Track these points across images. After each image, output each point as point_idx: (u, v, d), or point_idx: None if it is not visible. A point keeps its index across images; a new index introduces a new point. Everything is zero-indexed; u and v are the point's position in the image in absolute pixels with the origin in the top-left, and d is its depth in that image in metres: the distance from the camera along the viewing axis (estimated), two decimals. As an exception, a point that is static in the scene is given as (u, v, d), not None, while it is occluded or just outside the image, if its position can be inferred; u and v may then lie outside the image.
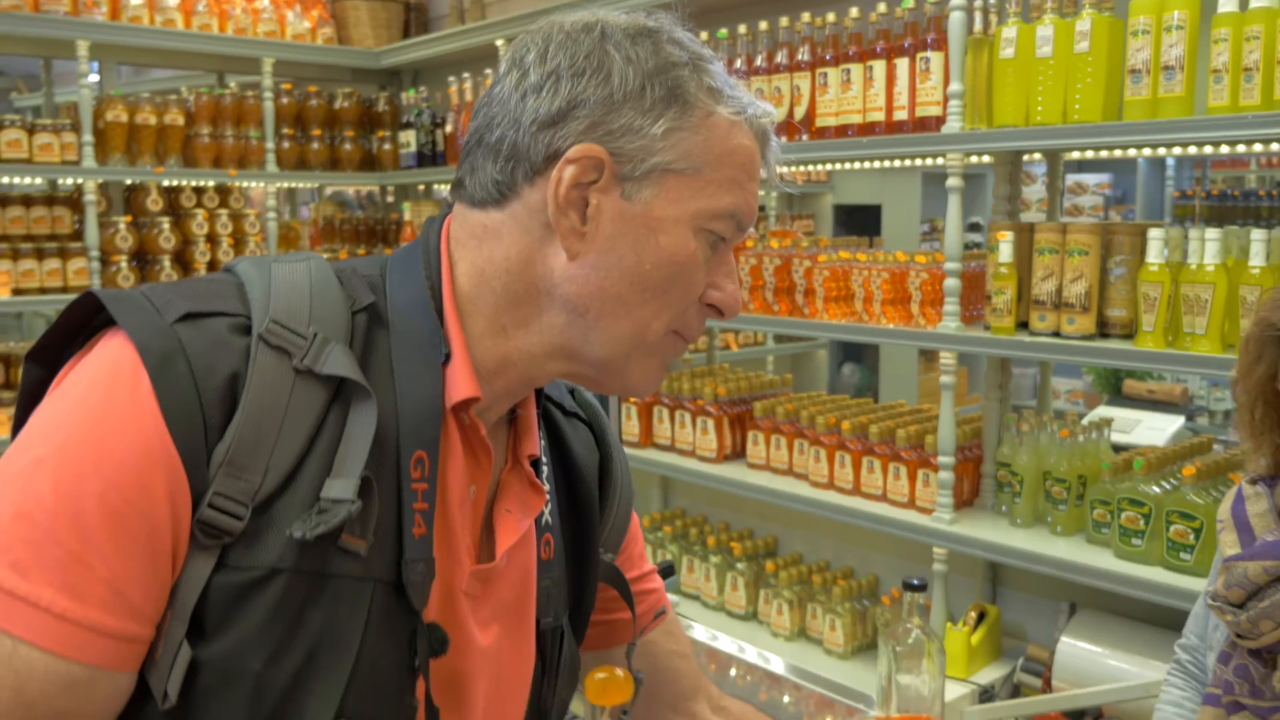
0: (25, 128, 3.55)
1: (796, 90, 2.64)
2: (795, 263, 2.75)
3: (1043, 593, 2.55)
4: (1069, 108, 2.14)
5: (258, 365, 0.80)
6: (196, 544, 0.78)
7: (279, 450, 0.80)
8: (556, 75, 0.88)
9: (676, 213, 0.89)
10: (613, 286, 0.89)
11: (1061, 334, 2.23)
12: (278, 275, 0.86)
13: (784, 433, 2.87)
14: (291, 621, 0.80)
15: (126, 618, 0.76)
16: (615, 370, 0.93)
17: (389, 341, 0.89)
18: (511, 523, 0.95)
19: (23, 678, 0.74)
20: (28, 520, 0.75)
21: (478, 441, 0.92)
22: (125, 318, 0.80)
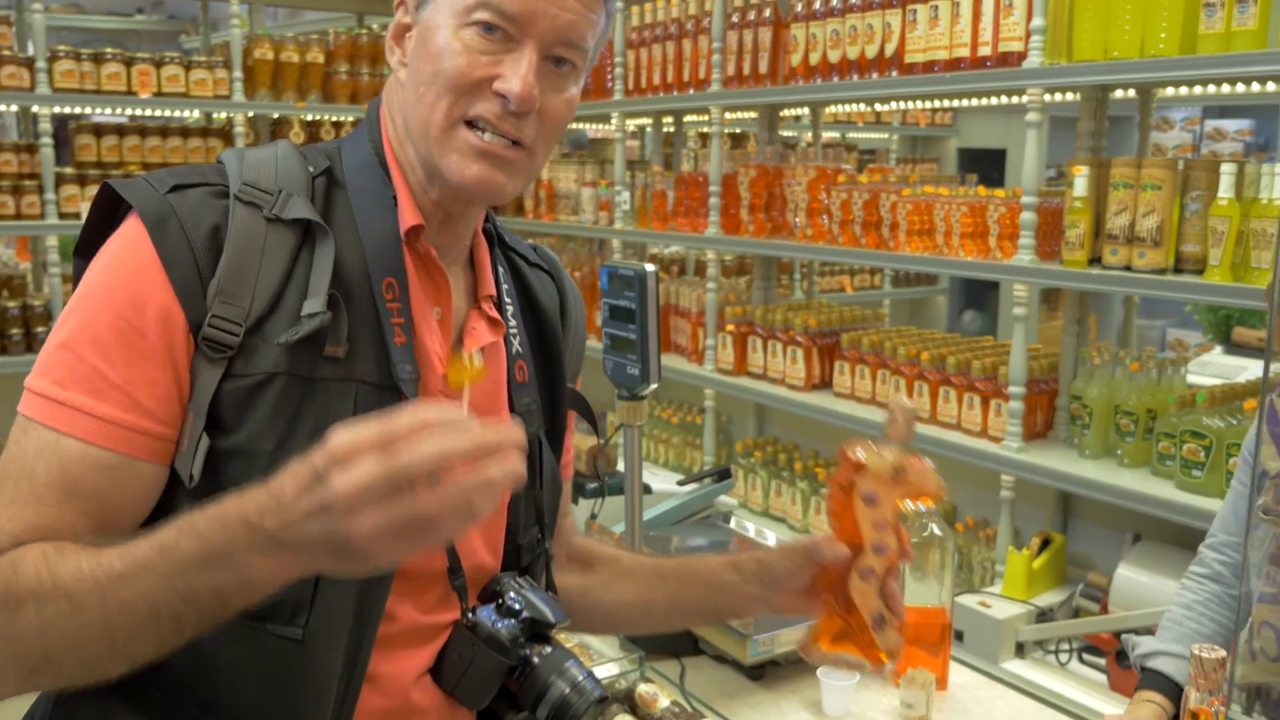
0: (182, 65, 3.89)
1: (887, 27, 2.70)
2: (883, 197, 2.83)
3: (1110, 524, 2.60)
4: (1146, 42, 2.15)
5: (235, 217, 1.01)
6: (204, 358, 0.99)
7: (261, 281, 1.00)
8: None
9: (441, 19, 1.04)
10: (409, 94, 1.06)
11: (1133, 268, 2.27)
12: (249, 155, 1.07)
13: (868, 363, 2.97)
14: (292, 415, 0.99)
15: (139, 415, 0.97)
16: (430, 166, 1.08)
17: (346, 195, 1.08)
18: (476, 335, 1.14)
19: (65, 460, 0.96)
20: (64, 346, 0.97)
21: (433, 266, 1.11)
22: (129, 194, 1.01)
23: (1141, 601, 2.29)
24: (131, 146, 3.94)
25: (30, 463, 0.96)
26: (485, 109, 1.05)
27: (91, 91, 3.77)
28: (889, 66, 2.71)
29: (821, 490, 3.13)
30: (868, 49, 2.76)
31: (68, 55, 3.73)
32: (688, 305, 3.63)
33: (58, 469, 0.96)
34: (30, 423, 0.97)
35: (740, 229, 3.31)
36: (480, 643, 1.07)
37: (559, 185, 4.25)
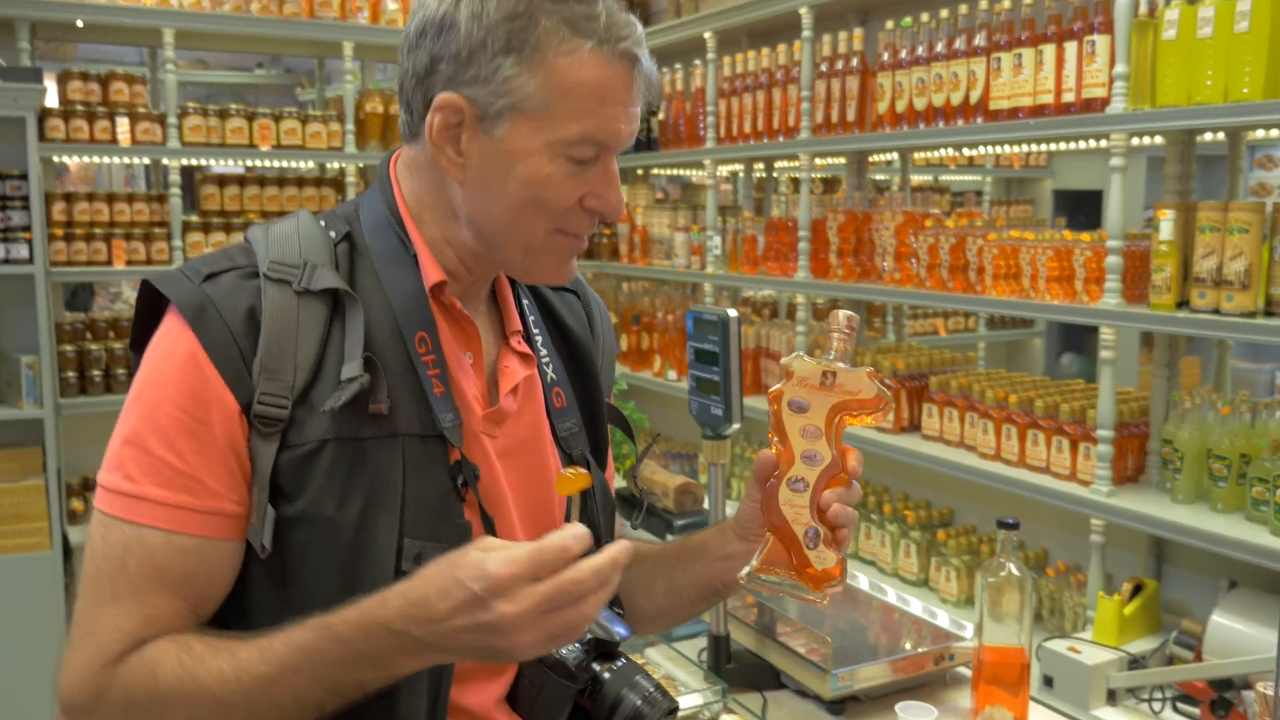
0: (299, 118, 4.12)
1: (972, 74, 2.75)
2: (969, 241, 2.86)
3: (1204, 570, 2.57)
4: (1230, 87, 2.17)
5: (267, 296, 1.07)
6: (259, 434, 1.05)
7: (300, 353, 1.06)
8: (422, 33, 1.09)
9: (529, 145, 1.07)
10: (492, 207, 1.10)
11: (1221, 311, 2.26)
12: (273, 231, 1.13)
13: (956, 405, 2.99)
14: (346, 477, 1.06)
15: (210, 498, 1.04)
16: (519, 268, 1.16)
17: (370, 258, 1.14)
18: (510, 373, 1.20)
19: (152, 551, 1.04)
20: (130, 443, 1.05)
21: (460, 315, 1.17)
22: (169, 291, 1.08)
23: (1237, 650, 2.26)
24: (252, 195, 4.18)
25: (120, 557, 1.04)
26: (580, 225, 1.12)
27: (217, 145, 4.02)
28: (974, 113, 2.76)
29: (911, 534, 3.15)
30: (953, 96, 2.81)
31: (196, 111, 3.99)
32: (778, 348, 3.69)
33: (147, 560, 1.03)
34: (110, 519, 1.05)
35: (829, 273, 3.37)
36: (547, 670, 1.13)
37: (653, 230, 4.36)
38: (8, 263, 3.65)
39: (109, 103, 3.96)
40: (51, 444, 3.74)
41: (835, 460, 1.06)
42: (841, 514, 1.08)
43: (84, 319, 4.07)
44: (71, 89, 3.91)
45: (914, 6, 3.14)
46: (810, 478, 1.06)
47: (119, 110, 3.94)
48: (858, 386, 1.05)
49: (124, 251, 3.94)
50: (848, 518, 1.08)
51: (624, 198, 1.14)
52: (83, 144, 3.87)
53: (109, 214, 3.98)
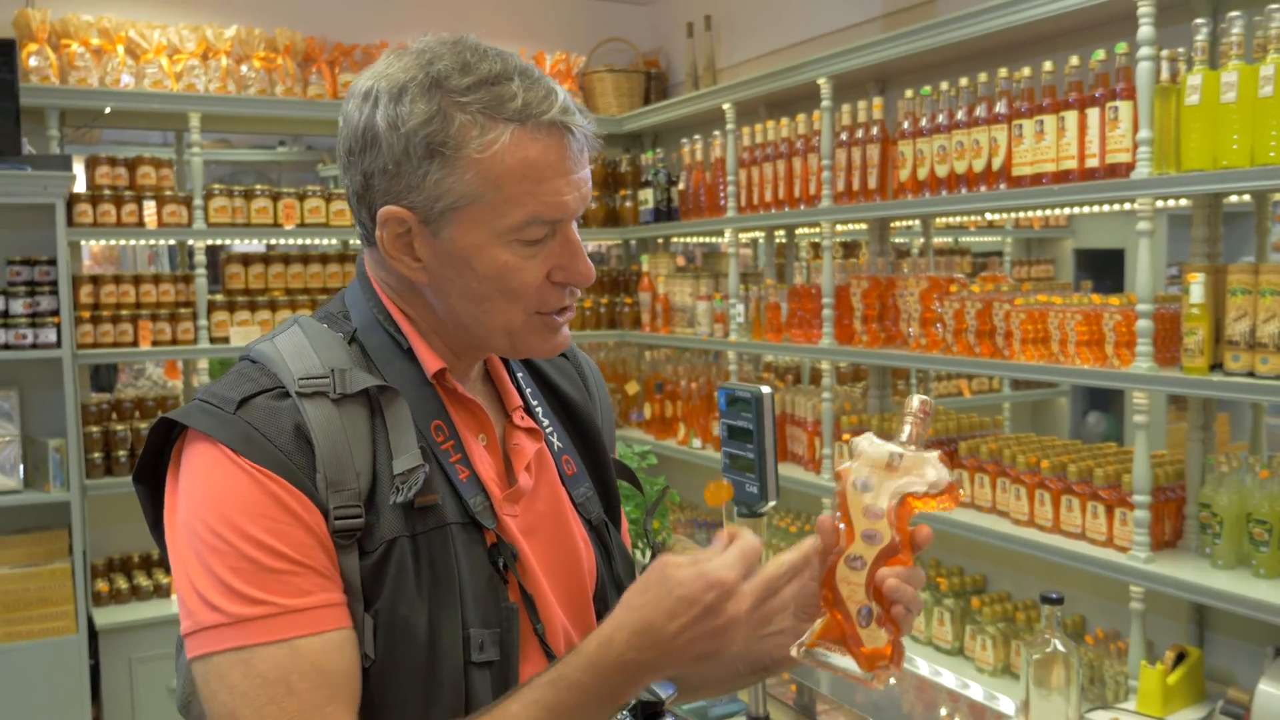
0: (323, 197, 4.17)
1: (994, 142, 2.76)
2: (995, 306, 2.85)
3: (1248, 637, 2.51)
4: (1256, 151, 2.17)
5: (307, 413, 1.04)
6: (340, 547, 1.03)
7: (356, 458, 1.05)
8: (350, 153, 1.10)
9: (478, 239, 1.06)
10: (462, 303, 1.10)
11: (1255, 374, 2.24)
12: (282, 346, 1.10)
13: (987, 471, 2.96)
14: (413, 575, 1.05)
15: (335, 589, 1.02)
16: (509, 350, 1.16)
17: (370, 354, 1.14)
18: (520, 450, 1.20)
19: (314, 659, 0.99)
20: (230, 569, 0.99)
21: (466, 400, 1.17)
22: (199, 425, 1.03)
23: (1287, 720, 2.20)
24: (276, 274, 4.22)
25: (284, 682, 0.97)
26: (555, 300, 1.12)
27: (242, 225, 4.07)
28: (997, 179, 2.77)
29: (945, 601, 3.10)
30: (975, 163, 2.82)
31: (221, 193, 4.05)
32: (803, 415, 3.68)
33: (312, 671, 0.99)
34: (248, 651, 0.98)
35: (854, 339, 3.36)
36: None
37: (674, 299, 4.38)
38: (36, 347, 3.68)
39: (136, 186, 4.02)
40: (78, 526, 3.75)
41: (894, 542, 1.05)
42: (897, 590, 1.04)
43: (109, 399, 4.10)
44: (99, 174, 3.98)
45: (933, 75, 3.17)
46: (868, 556, 1.05)
47: (146, 194, 4.00)
48: (925, 471, 1.04)
49: (150, 332, 3.97)
50: (905, 596, 1.04)
51: (592, 267, 1.13)
52: (110, 228, 3.93)
53: (135, 295, 4.02)
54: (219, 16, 4.25)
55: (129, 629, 3.79)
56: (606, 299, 4.83)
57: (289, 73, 4.19)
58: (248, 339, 4.07)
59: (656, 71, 4.92)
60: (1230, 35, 2.21)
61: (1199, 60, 2.29)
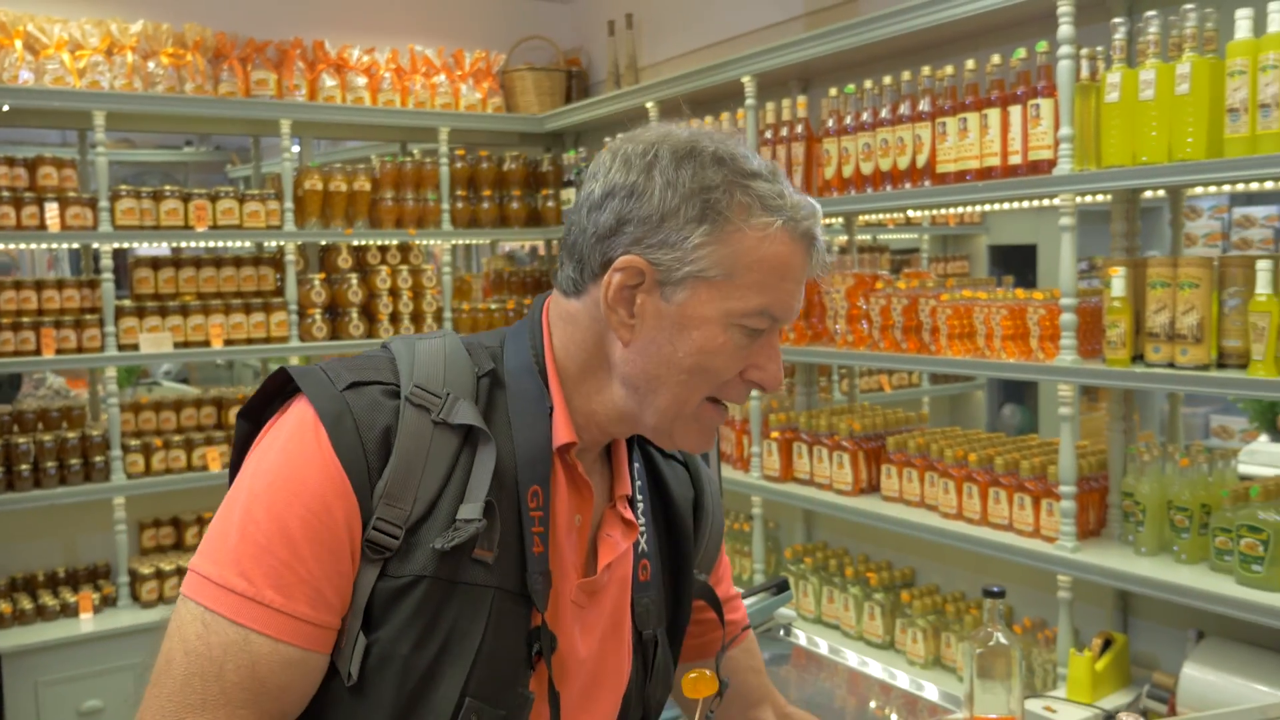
0: (236, 198, 4.05)
1: (918, 139, 2.79)
2: (922, 302, 2.88)
3: (1171, 621, 2.58)
4: (1173, 147, 2.22)
5: (404, 420, 1.05)
6: (365, 558, 1.02)
7: (424, 484, 1.04)
8: (612, 194, 1.09)
9: (707, 312, 1.07)
10: (655, 369, 1.09)
11: (1175, 365, 2.30)
12: (420, 350, 1.11)
13: (915, 466, 2.99)
14: (431, 617, 1.03)
15: (324, 611, 1.00)
16: (664, 433, 1.14)
17: (506, 398, 1.12)
18: (611, 544, 1.17)
19: (256, 659, 0.98)
20: (250, 540, 1.00)
21: (579, 478, 1.14)
22: (308, 388, 1.06)
23: (1210, 701, 2.26)
24: (187, 277, 4.08)
25: (218, 661, 0.98)
26: (737, 395, 1.12)
27: (151, 227, 3.93)
28: (921, 176, 2.80)
29: (875, 596, 3.12)
30: (899, 160, 2.85)
31: (129, 194, 3.90)
32: (731, 413, 3.68)
33: (248, 667, 0.98)
34: (214, 616, 0.99)
35: (781, 336, 3.37)
36: None
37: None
38: (-68, 355, 3.51)
39: (36, 187, 3.85)
40: (-20, 542, 3.58)
41: None
42: None
43: (10, 411, 3.92)
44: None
45: (856, 73, 3.20)
46: None
47: (47, 195, 3.83)
48: None
49: (54, 340, 3.81)
50: None
51: None
52: (10, 231, 3.75)
53: (37, 301, 3.86)
54: (124, 11, 4.09)
55: (34, 651, 3.62)
56: (529, 299, 4.78)
57: (199, 70, 4.06)
58: (159, 346, 3.93)
59: (578, 70, 4.89)
60: (1147, 34, 2.26)
61: (1117, 59, 2.34)
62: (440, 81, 4.55)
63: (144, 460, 3.94)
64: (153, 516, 4.17)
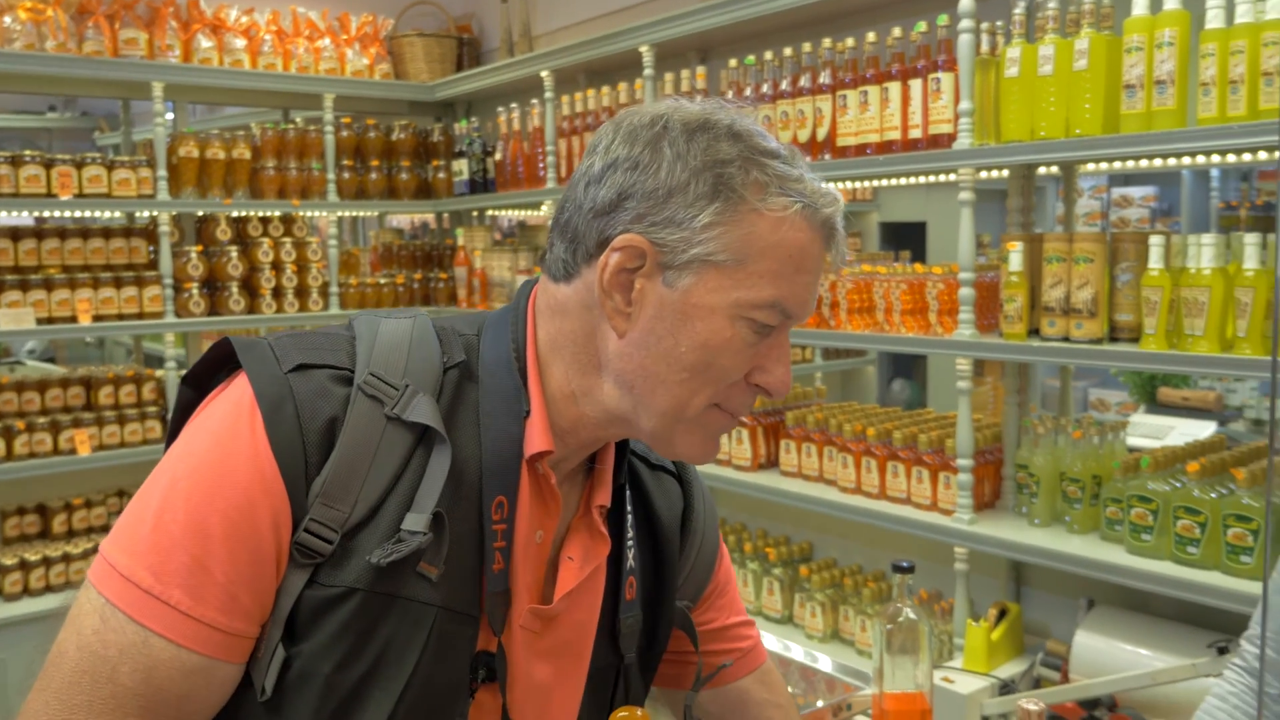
0: (105, 164, 3.82)
1: (819, 112, 2.77)
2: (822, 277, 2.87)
3: (1063, 590, 2.63)
4: (1071, 122, 2.24)
5: (354, 411, 0.94)
6: (294, 562, 0.92)
7: (367, 486, 0.93)
8: (614, 167, 0.98)
9: (714, 301, 0.96)
10: (653, 365, 0.98)
11: (1070, 339, 2.33)
12: (383, 332, 1.00)
13: (814, 440, 2.99)
14: (361, 634, 0.93)
15: (238, 617, 0.90)
16: (662, 439, 1.02)
17: (477, 395, 1.00)
18: (571, 570, 1.05)
19: (153, 664, 0.88)
20: (164, 532, 0.90)
21: (548, 490, 1.03)
22: (249, 365, 0.95)
23: (1101, 668, 2.31)
24: (51, 249, 3.83)
25: (112, 661, 0.88)
26: (742, 402, 1.01)
27: (9, 195, 3.67)
28: (822, 150, 2.78)
29: (773, 571, 3.12)
30: (799, 133, 2.82)
31: (-16, 159, 3.64)
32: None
33: (143, 672, 0.89)
34: (114, 611, 0.89)
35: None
36: None
37: (492, 273, 4.25)
38: None
39: (-119, 150, 3.57)
40: None
41: None
42: None
43: None
44: None
45: (756, 45, 3.16)
46: None
47: (-107, 158, 3.55)
48: None
49: (-97, 314, 3.55)
50: None
51: None
52: None
53: (-116, 273, 3.59)
54: (-24, -38, 3.81)
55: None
56: (420, 274, 4.65)
57: (60, 26, 3.80)
58: (19, 322, 3.69)
59: (469, 37, 4.75)
60: (1046, 9, 2.27)
61: (1017, 34, 2.35)
62: (325, 46, 4.37)
63: (4, 444, 3.70)
64: (16, 504, 3.93)
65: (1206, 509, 2.14)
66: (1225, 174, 5.18)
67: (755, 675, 1.30)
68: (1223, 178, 5.20)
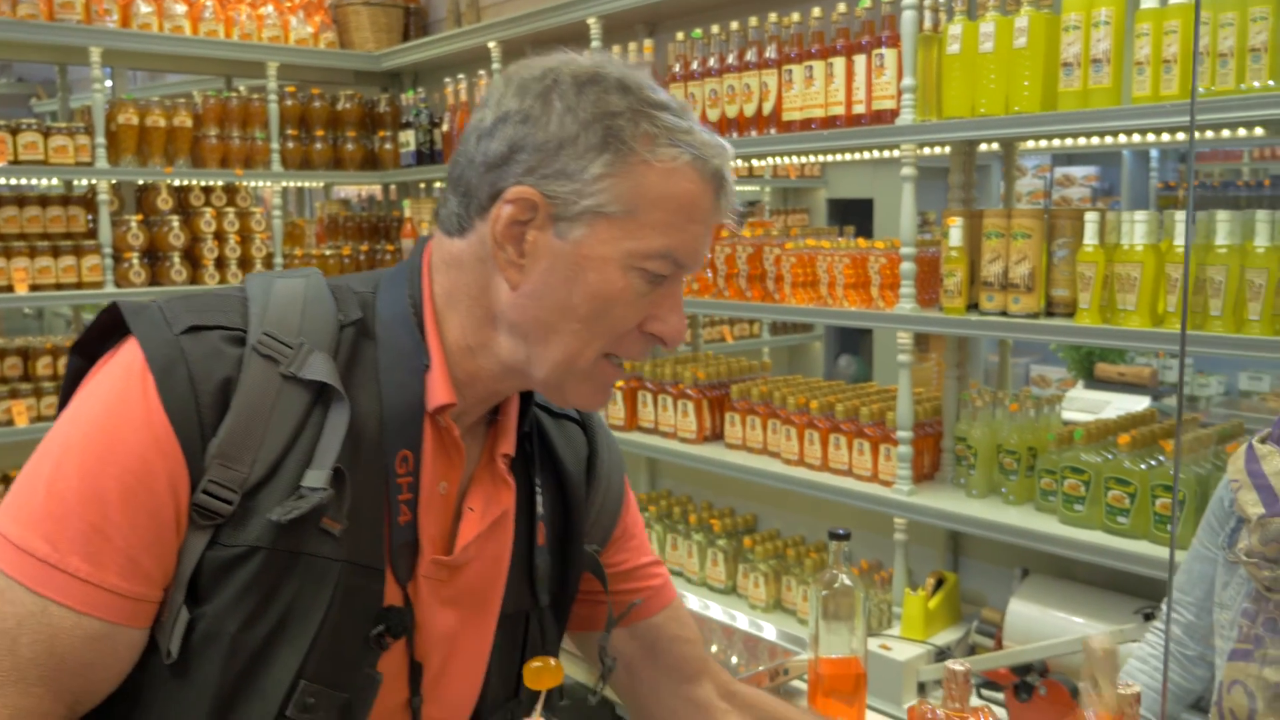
0: (41, 131, 3.73)
1: (764, 86, 2.78)
2: (766, 251, 2.89)
3: (998, 560, 2.69)
4: (1010, 99, 2.27)
5: (248, 372, 0.94)
6: (194, 524, 0.92)
7: (265, 445, 0.94)
8: (505, 120, 0.99)
9: (606, 252, 0.98)
10: (546, 316, 1.00)
11: (1008, 313, 2.37)
12: (276, 291, 1.00)
13: (758, 413, 3.02)
14: (266, 592, 0.93)
15: (139, 582, 0.90)
16: (554, 389, 1.05)
17: (375, 352, 1.01)
18: (472, 520, 1.07)
19: (54, 632, 0.88)
20: (58, 499, 0.89)
21: (450, 442, 1.05)
22: (139, 329, 0.94)
23: (1034, 635, 2.37)
24: (-14, 217, 3.75)
25: (11, 633, 0.88)
26: (635, 350, 1.03)
27: (-59, 161, 3.59)
28: (767, 124, 2.79)
29: (718, 542, 3.15)
30: (745, 107, 2.84)
31: (-86, 123, 3.55)
32: (576, 362, 3.63)
33: (45, 642, 0.88)
34: (10, 582, 0.88)
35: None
36: None
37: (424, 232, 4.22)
38: None
39: None
40: None
41: None
42: None
43: None
44: None
45: (703, 18, 3.16)
46: None
47: None
48: None
49: None
50: None
51: None
52: None
53: None
54: (-96, -80, 3.69)
55: None
56: (366, 246, 4.61)
57: (-6, -11, 3.71)
58: (-46, 290, 3.61)
59: (416, 7, 4.70)
60: (988, -13, 2.30)
61: (959, 10, 2.37)
62: (268, 13, 4.30)
63: (-61, 415, 3.63)
64: (-49, 476, 3.86)
65: (1136, 479, 2.20)
66: (1164, 155, 5.28)
67: (666, 612, 1.32)
68: (1162, 159, 5.30)
